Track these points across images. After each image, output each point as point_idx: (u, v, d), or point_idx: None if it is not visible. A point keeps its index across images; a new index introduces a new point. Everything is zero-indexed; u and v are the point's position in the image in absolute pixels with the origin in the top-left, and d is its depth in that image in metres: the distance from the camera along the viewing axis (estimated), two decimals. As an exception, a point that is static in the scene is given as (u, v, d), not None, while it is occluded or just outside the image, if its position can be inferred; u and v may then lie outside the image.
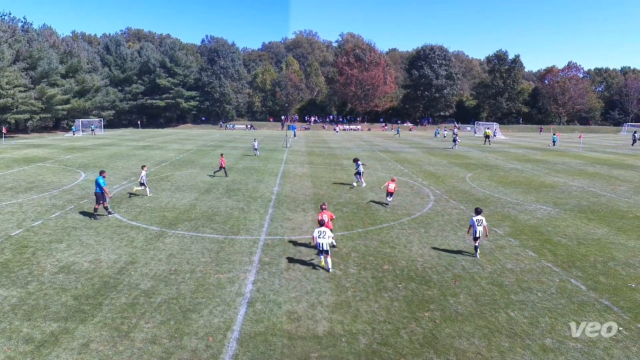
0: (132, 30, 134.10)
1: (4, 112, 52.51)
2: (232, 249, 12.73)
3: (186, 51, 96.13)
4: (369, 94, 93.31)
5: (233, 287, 10.15)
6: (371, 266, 11.56)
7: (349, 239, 13.84)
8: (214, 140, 56.32)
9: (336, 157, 37.30)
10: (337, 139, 61.66)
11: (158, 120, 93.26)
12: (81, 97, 69.44)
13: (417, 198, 20.27)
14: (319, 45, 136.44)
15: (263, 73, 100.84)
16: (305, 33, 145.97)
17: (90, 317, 8.62)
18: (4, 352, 7.40)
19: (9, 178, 23.91)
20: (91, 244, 12.99)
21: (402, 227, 15.24)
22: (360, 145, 52.08)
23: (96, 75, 74.38)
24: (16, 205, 17.66)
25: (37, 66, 60.63)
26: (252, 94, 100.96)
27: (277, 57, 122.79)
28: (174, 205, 18.05)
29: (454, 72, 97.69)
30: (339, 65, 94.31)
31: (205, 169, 28.49)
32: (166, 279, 10.50)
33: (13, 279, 10.32)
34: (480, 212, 12.38)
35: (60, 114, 66.00)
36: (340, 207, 18.13)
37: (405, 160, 35.30)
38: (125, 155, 35.91)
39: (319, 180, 24.84)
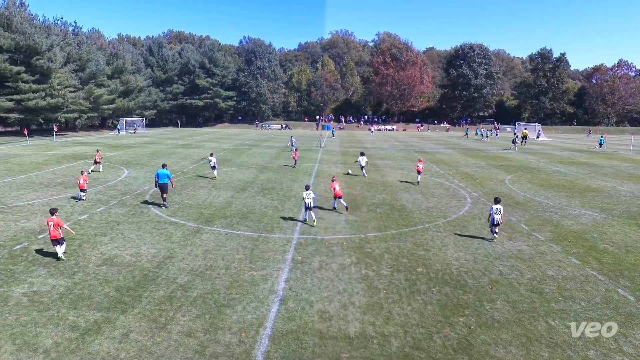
0: (174, 33, 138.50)
1: (55, 111, 55.56)
2: (265, 247, 12.90)
3: (224, 52, 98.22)
4: (405, 94, 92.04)
5: (266, 284, 10.28)
6: (404, 268, 11.41)
7: (382, 240, 13.71)
8: (249, 139, 57.29)
9: (370, 158, 37.02)
10: (371, 139, 61.24)
11: (197, 120, 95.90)
12: (125, 97, 72.46)
13: (453, 200, 19.81)
14: (355, 45, 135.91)
15: (299, 73, 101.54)
16: (341, 33, 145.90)
17: (131, 308, 8.98)
18: (51, 337, 7.83)
19: (59, 174, 25.27)
20: (132, 238, 13.53)
21: (437, 230, 14.94)
22: (395, 145, 51.46)
23: (139, 76, 77.36)
24: (65, 199, 18.64)
25: (85, 68, 63.78)
26: (287, 94, 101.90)
27: (313, 57, 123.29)
28: (210, 203, 18.49)
29: (494, 71, 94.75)
30: (375, 65, 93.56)
31: (241, 168, 29.03)
32: (202, 274, 10.78)
33: (61, 269, 10.90)
34: (499, 201, 13.71)
35: (106, 113, 69.16)
36: (373, 208, 17.98)
37: (441, 162, 34.58)
38: (166, 153, 37.13)
39: (352, 180, 24.74)
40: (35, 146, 41.73)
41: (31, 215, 15.85)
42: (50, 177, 23.93)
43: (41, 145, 43.18)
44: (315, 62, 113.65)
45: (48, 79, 53.82)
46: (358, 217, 16.45)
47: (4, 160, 30.48)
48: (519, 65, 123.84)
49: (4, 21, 51.00)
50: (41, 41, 51.74)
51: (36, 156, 33.50)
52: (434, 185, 23.53)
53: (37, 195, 19.26)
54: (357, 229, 14.96)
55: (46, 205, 17.48)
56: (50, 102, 52.49)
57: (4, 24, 50.97)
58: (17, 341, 7.69)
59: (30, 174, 25.08)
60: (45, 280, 10.21)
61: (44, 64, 52.00)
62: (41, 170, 26.30)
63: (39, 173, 25.36)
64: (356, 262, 11.76)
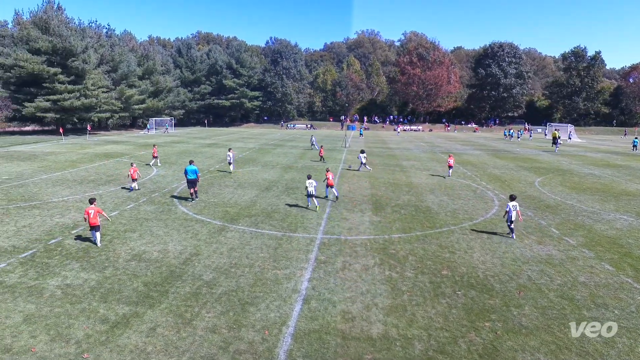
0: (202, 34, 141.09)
1: (89, 111, 57.62)
2: (289, 246, 12.98)
3: (251, 53, 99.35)
4: (432, 94, 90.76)
5: (289, 283, 10.35)
6: (429, 271, 11.26)
7: (406, 242, 13.57)
8: (274, 139, 57.76)
9: (395, 158, 36.71)
10: (396, 140, 60.70)
11: (223, 120, 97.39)
12: (155, 97, 74.40)
13: (480, 202, 19.41)
14: (381, 45, 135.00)
15: (324, 73, 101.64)
16: (367, 33, 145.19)
17: (158, 303, 9.21)
18: (83, 329, 8.12)
19: (92, 171, 26.17)
20: (160, 234, 13.88)
21: (463, 232, 14.68)
22: (421, 146, 50.83)
23: (169, 77, 79.26)
24: (97, 196, 19.28)
25: (117, 69, 65.86)
26: (312, 94, 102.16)
27: (339, 57, 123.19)
28: (235, 202, 18.76)
29: (524, 70, 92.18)
30: (401, 65, 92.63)
31: (266, 167, 29.31)
32: (227, 272, 10.95)
33: (93, 264, 11.29)
34: (515, 198, 14.13)
35: (136, 113, 71.21)
36: (398, 209, 17.83)
37: (469, 163, 33.92)
38: (193, 152, 37.87)
39: (377, 181, 24.59)
40: (69, 144, 43.35)
41: (65, 211, 16.47)
42: (83, 175, 24.81)
43: (75, 143, 44.82)
44: (341, 62, 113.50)
45: (82, 79, 55.83)
46: (382, 218, 16.34)
47: (41, 158, 31.80)
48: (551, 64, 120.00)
49: (42, 24, 53.20)
50: (76, 43, 53.71)
51: (70, 154, 34.79)
52: (461, 187, 23.12)
53: (70, 192, 20.00)
54: (381, 230, 14.86)
55: (79, 201, 18.14)
56: (85, 102, 54.43)
57: (42, 27, 53.17)
58: (51, 332, 8.01)
59: (65, 171, 26.06)
60: (77, 274, 10.59)
61: (78, 65, 53.96)
62: (75, 168, 27.29)
63: (72, 170, 26.32)
64: (380, 264, 11.68)
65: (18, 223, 14.83)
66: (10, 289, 9.71)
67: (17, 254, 11.87)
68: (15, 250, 12.12)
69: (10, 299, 9.20)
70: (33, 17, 54.31)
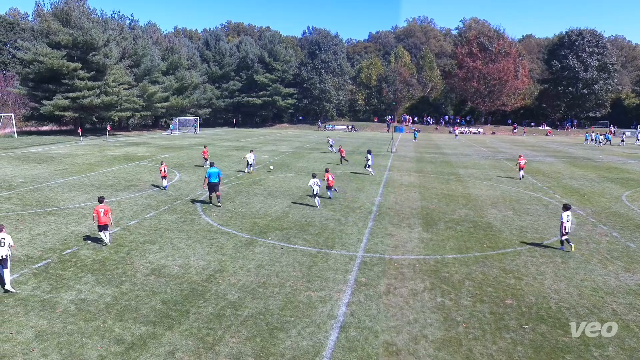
0: (232, 24, 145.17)
1: (109, 110, 60.43)
2: (325, 265, 12.98)
3: (286, 44, 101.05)
4: (495, 91, 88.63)
5: (325, 307, 10.33)
6: (489, 299, 10.92)
7: (462, 264, 13.24)
8: (310, 142, 58.24)
9: (450, 165, 36.06)
10: (453, 144, 59.64)
11: (253, 119, 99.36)
12: (179, 94, 77.00)
13: (553, 219, 18.67)
14: (435, 34, 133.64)
15: (368, 67, 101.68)
16: (419, 20, 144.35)
17: (177, 324, 9.44)
18: (96, 349, 8.44)
19: (111, 176, 27.37)
20: (182, 247, 14.26)
21: (531, 254, 14.16)
22: (481, 152, 49.64)
23: (195, 72, 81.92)
24: (115, 203, 20.13)
25: (140, 63, 68.81)
26: (355, 91, 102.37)
27: (385, 49, 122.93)
28: (265, 212, 19.01)
29: (609, 62, 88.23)
30: (459, 57, 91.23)
31: (300, 174, 29.56)
32: (254, 292, 11.08)
33: (109, 278, 11.75)
34: (569, 208, 14.52)
35: (159, 112, 73.96)
36: (453, 225, 17.47)
37: (539, 172, 32.78)
38: (219, 156, 38.81)
39: (428, 192, 24.24)
40: (88, 146, 45.59)
41: (82, 219, 17.28)
42: (101, 179, 25.98)
43: (94, 145, 47.08)
44: (388, 54, 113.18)
45: (103, 75, 58.70)
46: (434, 235, 16.06)
47: (58, 161, 33.61)
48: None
49: (63, 16, 56.51)
50: (98, 36, 56.61)
51: (89, 157, 36.56)
52: (529, 200, 22.37)
53: (88, 198, 20.98)
54: (433, 249, 14.60)
55: (96, 208, 18.98)
56: (105, 100, 57.15)
57: (63, 19, 56.48)
58: (64, 351, 8.39)
59: (83, 175, 27.40)
60: (92, 288, 11.06)
61: (99, 60, 56.81)
62: (93, 172, 28.64)
63: (90, 174, 27.63)
64: (430, 288, 11.47)
65: (32, 230, 15.70)
66: (22, 301, 10.27)
67: (31, 264, 12.56)
68: (29, 260, 12.82)
69: (22, 313, 9.72)
70: (54, 9, 57.80)
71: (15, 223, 16.58)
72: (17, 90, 59.52)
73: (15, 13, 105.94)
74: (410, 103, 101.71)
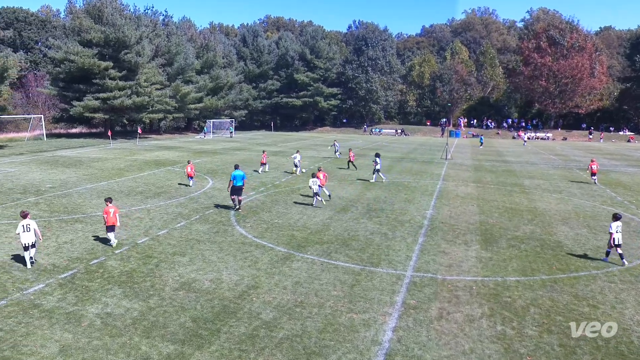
0: (271, 19, 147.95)
1: (140, 111, 62.62)
2: (369, 284, 12.90)
3: (329, 40, 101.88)
4: (567, 90, 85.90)
5: (368, 332, 10.25)
6: (558, 329, 10.52)
7: (527, 288, 12.83)
8: (355, 147, 58.21)
9: (514, 175, 35.14)
10: (517, 151, 58.15)
11: (293, 122, 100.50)
12: (214, 95, 78.89)
13: (636, 239, 17.82)
14: (498, 27, 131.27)
15: (421, 64, 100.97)
16: (479, 11, 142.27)
17: (207, 344, 9.60)
18: (122, 368, 8.70)
19: (140, 182, 28.33)
20: (213, 260, 14.54)
21: (609, 279, 13.55)
22: (550, 160, 48.10)
23: (231, 71, 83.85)
24: (144, 211, 20.79)
25: (174, 62, 71.09)
26: (405, 91, 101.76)
27: (440, 44, 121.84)
28: (304, 224, 19.11)
29: None
30: (525, 52, 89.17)
31: (342, 182, 29.60)
32: (290, 311, 11.13)
33: (136, 291, 12.12)
34: (620, 218, 14.95)
35: (192, 114, 76.05)
36: (516, 243, 16.99)
37: (619, 184, 31.41)
38: (256, 162, 39.40)
39: (488, 205, 23.70)
40: (118, 150, 47.42)
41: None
42: (130, 185, 26.93)
43: (124, 148, 48.92)
44: (443, 49, 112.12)
45: (135, 75, 61.03)
46: (494, 254, 15.67)
47: (87, 165, 35.13)
48: None
49: (96, 13, 59.28)
50: (130, 33, 58.99)
51: (118, 161, 38.01)
52: (607, 217, 21.43)
53: (116, 205, 21.75)
54: (493, 269, 14.24)
55: (125, 216, 19.64)
56: (136, 101, 59.35)
57: (95, 16, 59.25)
58: (88, 368, 8.70)
59: (112, 180, 28.50)
60: (119, 302, 11.43)
61: (131, 58, 59.14)
62: (122, 177, 29.74)
63: (119, 180, 28.70)
64: (489, 315, 11.17)
65: (59, 238, 16.44)
66: (47, 313, 10.74)
67: (57, 274, 13.13)
68: (55, 270, 13.42)
69: (47, 326, 10.17)
70: (86, 5, 60.76)
71: (43, 230, 17.39)
72: (48, 90, 62.81)
73: (47, 10, 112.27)
74: (468, 104, 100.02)
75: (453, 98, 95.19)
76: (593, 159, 32.50)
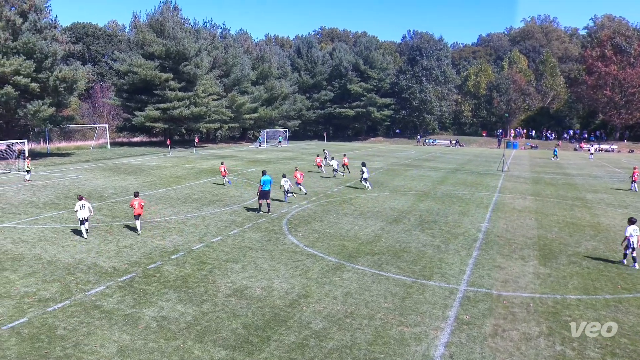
0: (326, 30, 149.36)
1: (198, 121, 64.74)
2: (421, 297, 12.69)
3: (383, 50, 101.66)
4: (634, 100, 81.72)
5: (419, 346, 10.06)
6: (625, 353, 9.95)
7: (588, 307, 12.23)
8: (408, 158, 57.65)
9: (575, 188, 33.70)
10: (579, 164, 55.79)
11: (345, 132, 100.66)
12: (268, 105, 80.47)
13: None
14: (559, 35, 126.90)
15: (477, 74, 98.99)
16: (539, 19, 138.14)
17: (258, 351, 9.71)
18: (176, 371, 8.94)
19: (197, 189, 29.16)
20: (265, 268, 14.73)
21: (681, 301, 12.70)
22: (615, 173, 45.82)
23: (285, 82, 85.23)
24: (199, 218, 21.37)
25: (230, 73, 73.08)
26: (460, 101, 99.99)
27: (497, 53, 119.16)
28: (355, 234, 19.06)
29: None
30: (588, 61, 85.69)
31: (395, 193, 29.33)
32: (340, 322, 11.10)
33: (190, 296, 12.45)
34: (635, 222, 15.53)
35: (247, 124, 77.77)
36: (577, 260, 16.26)
37: (692, 200, 29.48)
38: (305, 174, 39.75)
39: (547, 219, 22.84)
40: (175, 158, 49.05)
41: (166, 233, 18.56)
42: (187, 193, 27.76)
43: (181, 157, 50.54)
44: (500, 59, 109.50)
45: (193, 86, 63.15)
46: (553, 271, 15.07)
47: (146, 172, 36.53)
48: None
49: (158, 27, 61.88)
50: (190, 46, 61.18)
51: (176, 169, 39.31)
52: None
53: (173, 212, 22.49)
54: (552, 286, 13.69)
55: (181, 222, 20.27)
56: (194, 111, 61.38)
57: (157, 30, 61.86)
58: (144, 369, 8.98)
59: (169, 188, 29.48)
60: (174, 306, 11.77)
61: (190, 70, 61.26)
62: (179, 185, 30.71)
63: (177, 187, 29.65)
64: (548, 334, 10.72)
65: (120, 243, 17.15)
66: (107, 314, 11.20)
67: (117, 276, 13.69)
68: (115, 273, 13.99)
69: (106, 326, 10.60)
70: (149, 19, 63.56)
71: (105, 234, 18.21)
72: (112, 101, 66.12)
73: (114, 25, 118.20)
74: (527, 115, 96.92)
75: (510, 108, 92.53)
76: (636, 167, 34.03)
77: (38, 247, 16.38)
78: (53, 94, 44.23)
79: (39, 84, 41.85)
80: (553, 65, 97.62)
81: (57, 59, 45.00)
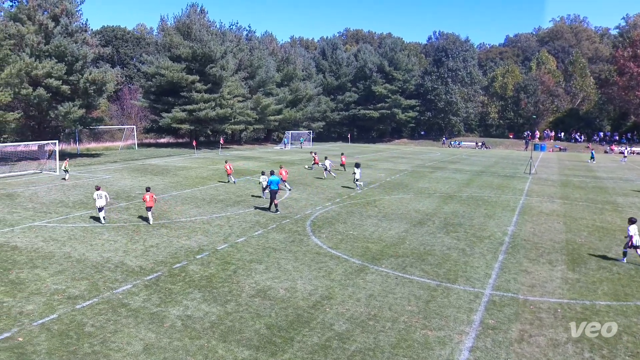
0: (350, 32, 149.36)
1: (223, 123, 65.41)
2: (445, 301, 12.56)
3: (408, 52, 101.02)
4: (668, 102, 79.55)
5: (443, 350, 9.96)
6: (656, 361, 9.66)
7: (619, 313, 11.93)
8: (433, 160, 57.15)
9: (605, 192, 32.93)
10: (609, 166, 54.49)
11: (369, 134, 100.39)
12: (293, 106, 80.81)
13: None
14: (589, 35, 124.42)
15: (504, 75, 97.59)
16: (568, 19, 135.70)
17: (281, 352, 9.75)
18: (200, 370, 9.04)
19: (222, 190, 29.44)
20: (289, 269, 14.78)
21: None
22: (648, 176, 44.58)
23: (309, 83, 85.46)
24: (224, 218, 21.57)
25: (255, 75, 73.66)
26: (486, 103, 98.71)
27: (525, 54, 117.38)
28: (379, 236, 18.98)
29: None
30: (619, 61, 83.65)
31: (419, 195, 29.12)
32: (363, 324, 11.06)
33: (215, 295, 12.57)
34: (635, 222, 15.82)
35: (272, 125, 78.24)
36: (607, 265, 15.89)
37: None
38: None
39: (575, 223, 22.37)
40: (201, 159, 49.63)
41: (192, 233, 18.79)
42: (212, 193, 28.05)
43: (207, 158, 51.11)
44: (528, 59, 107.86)
45: (219, 88, 63.83)
46: (582, 276, 14.74)
47: (173, 173, 37.05)
48: None
49: (185, 29, 62.77)
50: (216, 48, 61.88)
51: (202, 170, 39.77)
52: None
53: (199, 212, 22.76)
54: (580, 292, 13.40)
55: (206, 223, 20.50)
56: (219, 113, 62.04)
57: (184, 33, 62.75)
58: (168, 367, 9.11)
59: (195, 188, 29.83)
60: (199, 305, 11.90)
61: (216, 72, 61.94)
62: (205, 185, 31.05)
63: (202, 188, 29.99)
64: (576, 340, 10.50)
65: (146, 242, 17.43)
66: (134, 313, 11.39)
67: (143, 275, 13.92)
68: (141, 272, 14.23)
69: (132, 324, 10.78)
70: (177, 22, 64.52)
71: (131, 234, 18.53)
72: (140, 103, 67.40)
73: (142, 28, 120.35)
74: (555, 117, 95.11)
75: (538, 110, 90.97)
76: None
77: (68, 246, 16.77)
78: (83, 95, 45.33)
79: (69, 86, 42.92)
80: (583, 66, 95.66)
81: (87, 61, 46.10)
